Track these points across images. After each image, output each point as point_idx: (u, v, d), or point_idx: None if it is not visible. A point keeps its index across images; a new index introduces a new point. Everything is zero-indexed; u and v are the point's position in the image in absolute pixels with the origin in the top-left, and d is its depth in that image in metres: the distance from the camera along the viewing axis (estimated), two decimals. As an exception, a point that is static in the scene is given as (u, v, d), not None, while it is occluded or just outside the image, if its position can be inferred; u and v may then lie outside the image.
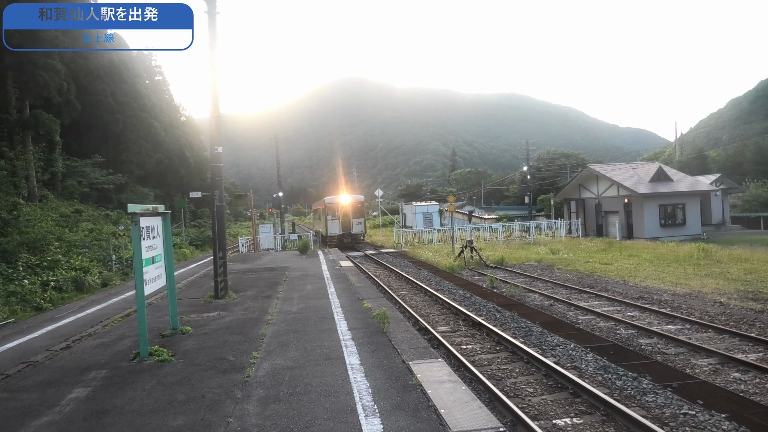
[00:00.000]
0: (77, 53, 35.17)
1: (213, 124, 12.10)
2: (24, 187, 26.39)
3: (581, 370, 8.54)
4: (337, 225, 34.56)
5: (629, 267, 20.24)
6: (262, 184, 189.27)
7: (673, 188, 35.06)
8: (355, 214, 35.20)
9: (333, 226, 34.55)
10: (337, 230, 34.50)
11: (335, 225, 34.58)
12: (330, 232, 34.45)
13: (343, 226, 34.70)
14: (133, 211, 6.87)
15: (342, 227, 34.67)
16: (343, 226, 34.67)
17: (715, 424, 6.34)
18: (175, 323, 8.58)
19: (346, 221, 34.77)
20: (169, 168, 50.50)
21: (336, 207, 35.07)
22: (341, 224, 34.63)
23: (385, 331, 7.70)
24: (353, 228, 35.03)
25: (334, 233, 34.32)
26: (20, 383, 6.31)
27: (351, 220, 34.96)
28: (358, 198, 37.16)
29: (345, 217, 34.77)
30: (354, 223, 35.03)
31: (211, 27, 11.83)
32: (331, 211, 34.86)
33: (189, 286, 14.86)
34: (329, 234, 34.40)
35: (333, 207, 34.99)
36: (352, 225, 35.03)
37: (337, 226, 34.56)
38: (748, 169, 60.14)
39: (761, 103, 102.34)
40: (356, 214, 35.29)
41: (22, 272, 14.73)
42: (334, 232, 34.42)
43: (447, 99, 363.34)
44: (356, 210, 35.54)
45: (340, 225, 34.60)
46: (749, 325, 11.14)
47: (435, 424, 4.41)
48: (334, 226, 34.56)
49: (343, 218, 34.72)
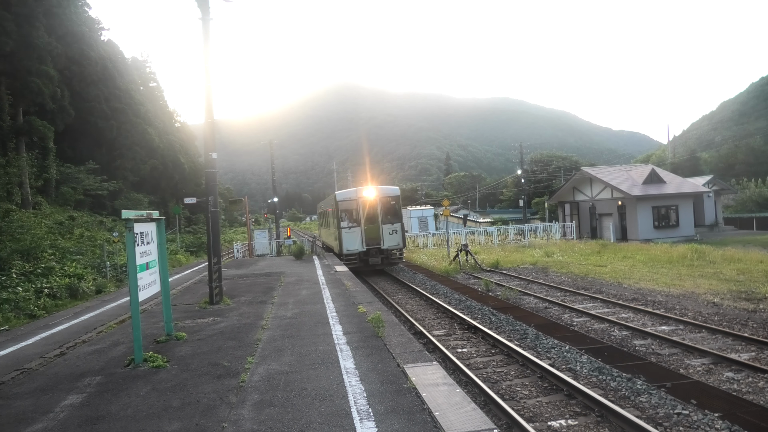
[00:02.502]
0: (71, 59, 35.08)
1: (207, 129, 12.11)
2: (17, 194, 26.30)
3: (576, 371, 8.58)
4: (358, 236, 21.70)
5: (623, 269, 20.34)
6: (257, 189, 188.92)
7: (666, 190, 35.28)
8: (386, 216, 22.12)
9: (351, 238, 21.73)
10: (357, 244, 21.64)
11: (355, 236, 21.74)
12: (347, 248, 21.61)
13: (368, 237, 21.83)
14: (127, 216, 6.87)
15: (366, 239, 21.76)
16: (367, 237, 21.80)
17: (708, 424, 6.39)
18: (169, 329, 8.56)
19: (372, 230, 21.91)
20: (164, 174, 50.39)
21: (355, 206, 22.11)
22: (365, 235, 21.76)
23: (380, 335, 7.71)
24: (384, 239, 21.79)
25: (353, 249, 21.60)
26: (14, 390, 6.29)
27: (380, 228, 21.86)
28: (390, 191, 23.06)
29: (370, 222, 21.98)
30: (386, 232, 21.87)
31: (204, 33, 11.86)
32: (347, 214, 22.11)
33: (184, 291, 14.82)
34: (346, 251, 21.62)
35: (350, 207, 22.16)
36: (382, 235, 21.83)
37: (358, 237, 21.70)
38: (741, 170, 60.59)
39: (752, 105, 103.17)
40: (388, 216, 22.18)
41: (16, 279, 14.64)
42: (352, 247, 21.63)
43: (441, 103, 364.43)
44: (388, 210, 22.32)
45: (363, 236, 21.74)
46: (742, 325, 11.23)
47: (429, 426, 4.43)
48: (353, 238, 21.73)
49: (368, 224, 21.95)
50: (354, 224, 21.81)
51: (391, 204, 22.37)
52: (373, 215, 21.93)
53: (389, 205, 22.33)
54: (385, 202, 22.22)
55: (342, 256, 21.80)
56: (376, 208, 21.94)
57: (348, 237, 21.59)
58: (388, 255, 21.88)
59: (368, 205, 21.90)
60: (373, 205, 21.96)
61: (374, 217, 21.88)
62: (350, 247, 21.55)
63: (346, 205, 22.09)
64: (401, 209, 23.04)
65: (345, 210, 22.04)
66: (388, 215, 22.13)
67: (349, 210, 22.07)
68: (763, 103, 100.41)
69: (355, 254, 21.50)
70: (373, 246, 21.66)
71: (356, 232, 21.68)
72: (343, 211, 22.00)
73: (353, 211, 22.04)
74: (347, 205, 22.10)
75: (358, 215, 21.86)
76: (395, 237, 21.90)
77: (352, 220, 21.97)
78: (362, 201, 21.87)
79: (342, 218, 21.90)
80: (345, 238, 21.56)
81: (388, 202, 22.30)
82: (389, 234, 21.81)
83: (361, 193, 22.16)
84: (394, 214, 22.34)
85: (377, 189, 22.40)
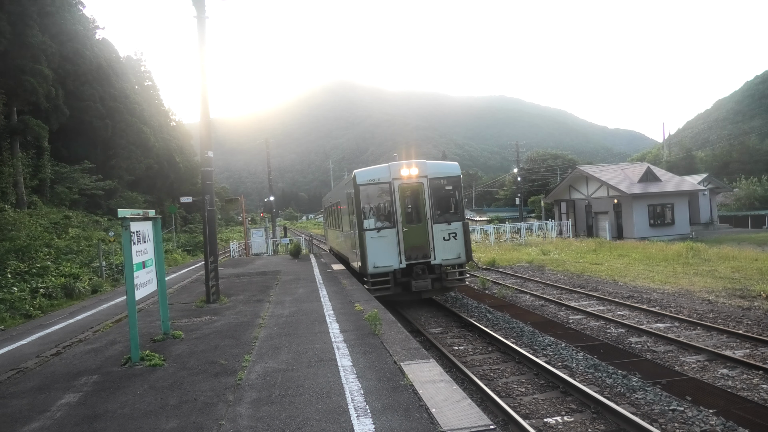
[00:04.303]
0: (65, 58, 34.90)
1: (203, 128, 12.09)
2: (12, 194, 26.16)
3: (572, 369, 8.62)
4: (393, 244, 13.54)
5: (619, 267, 20.43)
6: (253, 188, 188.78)
7: (662, 188, 35.44)
8: (439, 210, 13.92)
9: (381, 248, 13.52)
10: (391, 257, 13.51)
11: (387, 244, 13.53)
12: (374, 263, 13.41)
13: (410, 244, 13.61)
14: (123, 215, 6.85)
15: (406, 248, 13.56)
16: (408, 244, 13.58)
17: (703, 420, 6.43)
18: (166, 328, 8.54)
19: (416, 233, 13.66)
20: (159, 173, 50.22)
21: (387, 194, 13.81)
22: (404, 241, 13.55)
23: (376, 333, 7.72)
24: (436, 249, 13.67)
25: (384, 266, 13.43)
26: (10, 389, 6.27)
27: (429, 230, 13.70)
28: (445, 169, 14.39)
29: (413, 219, 13.83)
30: (438, 237, 13.72)
31: (200, 31, 11.83)
32: (373, 207, 14.01)
33: (180, 290, 14.80)
34: (373, 267, 13.37)
35: (379, 194, 13.97)
36: (432, 242, 13.70)
37: (393, 246, 13.54)
38: (735, 168, 60.93)
39: (748, 104, 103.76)
40: (443, 210, 14.01)
41: (11, 279, 14.59)
42: (383, 261, 13.45)
43: (438, 102, 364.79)
44: (442, 200, 14.13)
45: (401, 243, 13.53)
46: (737, 322, 11.30)
47: (426, 423, 4.44)
48: (384, 248, 13.52)
49: (409, 224, 13.71)
50: (385, 224, 13.41)
51: (446, 191, 13.84)
52: (417, 209, 13.64)
53: (444, 193, 13.82)
54: (437, 188, 13.67)
55: (367, 276, 13.20)
56: (422, 197, 13.53)
57: (376, 245, 13.20)
58: (443, 275, 13.45)
59: (409, 191, 13.62)
60: (418, 191, 13.57)
61: (419, 212, 13.57)
62: (380, 261, 13.12)
63: (372, 191, 13.66)
64: (462, 199, 14.43)
65: (370, 200, 13.70)
66: (441, 209, 13.73)
67: (377, 200, 13.78)
68: (758, 101, 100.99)
69: (389, 274, 13.16)
70: (417, 260, 13.28)
71: (389, 237, 13.27)
72: (366, 202, 13.62)
73: (384, 202, 13.72)
74: (373, 191, 13.67)
75: (393, 209, 13.40)
76: (454, 245, 13.46)
77: (381, 216, 13.62)
78: (399, 185, 13.44)
79: (365, 214, 13.52)
80: (371, 248, 13.16)
81: (441, 186, 13.73)
82: (444, 240, 13.39)
83: (398, 171, 13.51)
84: (451, 207, 13.91)
85: (423, 165, 13.77)
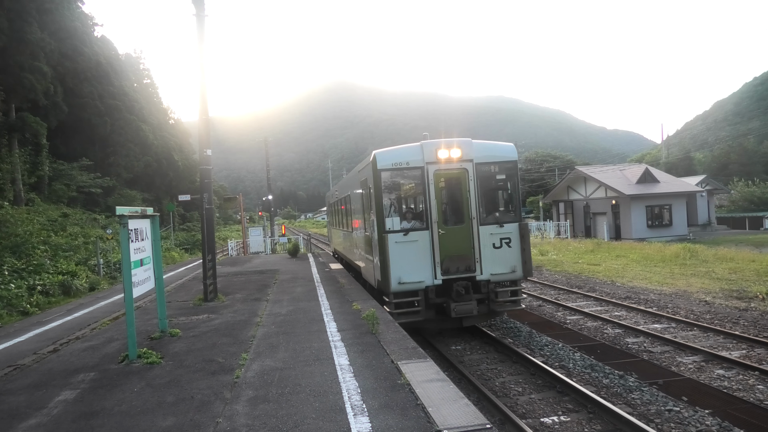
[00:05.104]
0: (64, 55, 34.82)
1: (202, 126, 12.08)
2: (10, 191, 26.09)
3: (569, 369, 8.65)
4: (425, 251, 9.78)
5: (617, 267, 20.47)
6: (252, 187, 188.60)
7: (660, 189, 35.51)
8: (488, 207, 10.41)
9: (408, 256, 9.71)
10: (422, 269, 9.75)
11: (416, 251, 9.76)
12: (399, 277, 9.62)
13: (447, 252, 9.82)
14: (121, 213, 6.86)
15: (443, 258, 9.79)
16: (445, 252, 9.80)
17: (699, 420, 6.46)
18: (164, 326, 8.54)
19: (456, 237, 9.92)
20: (158, 171, 50.13)
21: (418, 184, 10.15)
22: (439, 248, 9.79)
23: (374, 332, 7.73)
24: (483, 258, 9.91)
25: (412, 281, 9.65)
26: (7, 386, 6.27)
27: (474, 233, 9.91)
28: (496, 152, 10.53)
29: (452, 218, 10.15)
30: (486, 243, 9.95)
31: (199, 29, 11.82)
32: (398, 199, 10.41)
33: (178, 289, 14.79)
34: (397, 283, 9.58)
35: (406, 183, 10.46)
36: (477, 249, 9.90)
37: (425, 254, 9.78)
38: (734, 170, 61.03)
39: (746, 105, 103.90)
40: (493, 207, 10.67)
41: (8, 276, 14.57)
42: (412, 276, 9.67)
43: (437, 102, 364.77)
44: (491, 193, 10.71)
45: (436, 250, 9.79)
46: (733, 323, 11.34)
47: (423, 422, 4.45)
48: (413, 256, 9.74)
49: (447, 224, 9.99)
50: (415, 224, 10.01)
51: (498, 180, 10.53)
52: (458, 204, 10.18)
53: (495, 183, 10.56)
54: (486, 176, 10.28)
55: (388, 295, 9.82)
56: (465, 189, 10.05)
57: (401, 253, 9.69)
58: (491, 294, 10.07)
59: (448, 180, 10.22)
60: (460, 180, 10.12)
61: (461, 209, 10.09)
62: (407, 275, 9.66)
63: (398, 179, 10.27)
64: (519, 191, 10.87)
65: (394, 191, 10.27)
66: (491, 205, 10.60)
67: (405, 191, 10.64)
68: (756, 103, 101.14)
69: (418, 293, 9.73)
70: (458, 275, 9.82)
71: (420, 242, 9.81)
72: (389, 193, 10.16)
73: (413, 194, 10.72)
74: (399, 179, 10.29)
75: (426, 204, 9.94)
76: (507, 255, 10.03)
77: (409, 214, 10.30)
78: (435, 171, 9.99)
79: (387, 210, 10.04)
80: (396, 256, 9.66)
81: (491, 175, 10.37)
82: (494, 247, 9.97)
83: (434, 152, 10.05)
84: (505, 202, 10.75)
85: (468, 145, 10.24)
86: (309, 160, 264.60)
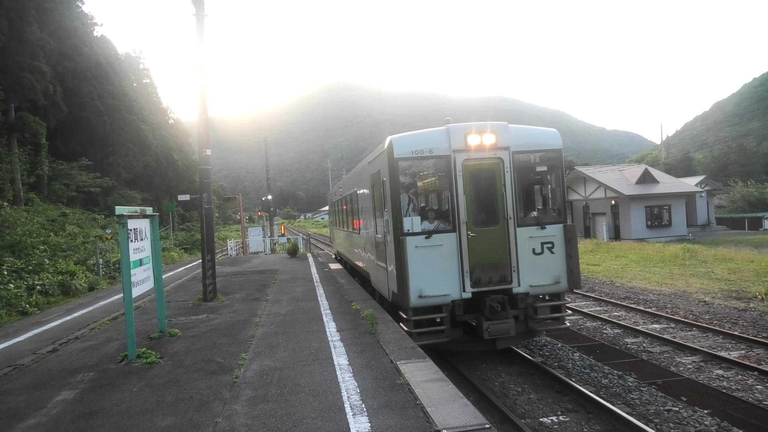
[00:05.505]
0: (63, 55, 34.80)
1: (201, 126, 12.08)
2: (9, 191, 26.08)
3: (568, 369, 8.65)
4: (451, 257, 8.28)
5: (616, 268, 20.48)
6: (252, 187, 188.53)
7: (659, 190, 35.53)
8: (527, 204, 8.96)
9: (430, 264, 8.20)
10: (448, 280, 8.22)
11: (441, 257, 8.26)
12: (420, 289, 8.08)
13: (478, 258, 8.32)
14: (120, 212, 6.86)
15: (473, 265, 8.27)
16: (475, 258, 8.31)
17: (698, 420, 6.46)
18: (163, 326, 8.54)
19: (490, 241, 8.42)
20: (157, 171, 50.10)
21: (443, 176, 8.66)
22: (468, 252, 8.29)
23: (373, 332, 7.73)
24: (520, 266, 8.43)
25: (436, 295, 8.14)
26: (6, 386, 6.26)
27: (511, 236, 8.44)
28: (536, 139, 9.02)
29: (483, 218, 8.59)
30: (525, 248, 8.49)
31: (199, 29, 11.82)
32: (418, 194, 8.92)
33: (177, 289, 14.78)
34: (418, 297, 8.06)
35: (429, 175, 9.05)
36: (514, 255, 8.43)
37: (451, 261, 8.27)
38: (733, 170, 61.08)
39: (745, 106, 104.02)
40: (533, 204, 9.18)
41: (7, 276, 14.55)
42: (435, 289, 8.15)
43: (436, 102, 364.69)
44: (530, 186, 9.11)
45: (466, 257, 8.27)
46: (732, 324, 11.34)
47: (422, 421, 4.46)
48: (437, 264, 8.23)
49: (477, 224, 8.45)
50: (439, 225, 8.59)
51: (538, 173, 9.08)
52: (491, 201, 8.70)
53: (535, 176, 9.11)
54: (526, 167, 8.90)
55: (407, 311, 8.30)
56: (499, 183, 8.65)
57: (422, 260, 8.25)
58: (530, 310, 8.66)
59: (480, 172, 8.69)
60: (494, 172, 8.70)
61: (495, 207, 8.66)
62: (429, 287, 8.21)
63: (418, 170, 8.84)
64: (564, 186, 9.44)
65: (414, 185, 8.83)
66: (531, 203, 9.24)
67: (427, 185, 9.38)
68: (755, 104, 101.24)
69: (443, 308, 8.33)
70: (491, 285, 8.41)
71: (445, 246, 8.39)
72: (408, 187, 8.70)
73: (437, 188, 9.46)
74: (420, 170, 8.88)
75: (452, 200, 8.56)
76: (550, 262, 8.63)
77: (431, 213, 8.89)
78: (464, 162, 8.57)
79: (404, 209, 8.55)
80: (415, 264, 8.17)
81: (531, 166, 8.97)
82: (534, 254, 8.59)
83: (463, 138, 8.58)
84: (547, 200, 9.23)
85: (504, 130, 8.75)
86: (309, 160, 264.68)
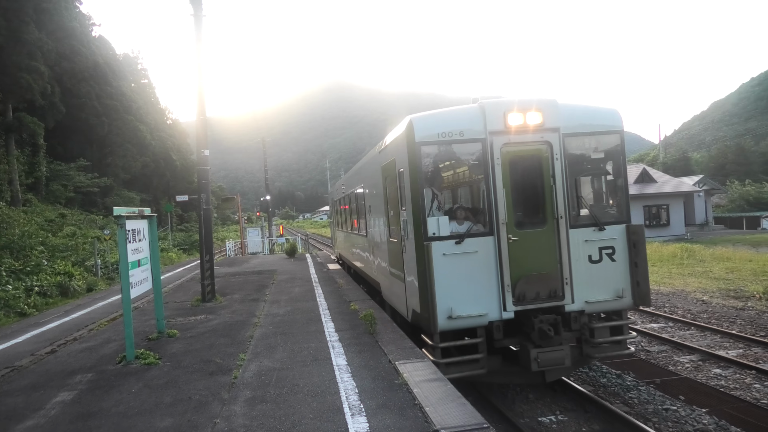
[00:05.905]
0: (61, 55, 34.74)
1: (199, 126, 12.07)
2: (7, 191, 26.05)
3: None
4: (489, 267, 6.57)
5: (614, 267, 20.48)
6: (250, 187, 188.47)
7: (657, 189, 35.59)
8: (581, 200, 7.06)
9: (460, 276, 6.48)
10: (484, 297, 6.50)
11: (475, 268, 6.53)
12: (450, 308, 6.38)
13: (522, 268, 6.60)
14: (119, 213, 6.85)
15: (514, 278, 6.56)
16: (518, 269, 6.59)
17: (696, 419, 6.48)
18: (161, 326, 8.53)
19: (536, 247, 6.70)
20: (155, 171, 50.06)
21: (477, 166, 6.80)
22: (510, 263, 6.57)
23: (372, 332, 7.73)
24: (573, 278, 6.70)
25: (468, 314, 6.45)
26: (4, 388, 6.26)
27: (561, 240, 6.69)
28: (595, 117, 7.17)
29: (525, 218, 6.88)
30: (580, 254, 6.76)
31: (197, 30, 11.81)
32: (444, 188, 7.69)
33: (176, 289, 14.77)
34: (450, 319, 6.38)
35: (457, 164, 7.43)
36: (565, 262, 6.70)
37: (488, 271, 6.56)
38: (731, 170, 61.22)
39: (743, 106, 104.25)
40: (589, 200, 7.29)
41: (5, 277, 14.53)
42: (468, 308, 6.45)
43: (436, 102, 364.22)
44: (582, 175, 7.25)
45: (506, 268, 6.55)
46: (730, 323, 11.37)
47: (420, 421, 4.46)
48: (470, 276, 6.51)
49: (521, 229, 6.71)
50: (471, 227, 6.80)
51: (595, 161, 7.45)
52: (536, 197, 6.95)
53: (592, 165, 7.48)
54: (579, 154, 7.21)
55: (434, 335, 6.50)
56: (546, 173, 6.87)
57: (452, 271, 6.52)
58: (586, 332, 6.89)
59: (522, 160, 6.91)
60: (539, 160, 6.91)
61: (541, 204, 6.91)
62: (461, 305, 6.47)
63: (445, 157, 7.21)
64: (627, 175, 7.40)
65: (439, 177, 7.32)
66: (586, 197, 7.33)
67: (456, 177, 8.13)
68: (753, 104, 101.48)
69: (477, 330, 6.61)
70: (538, 302, 6.68)
71: (480, 254, 6.62)
72: (432, 180, 6.95)
73: (469, 181, 7.91)
74: (448, 157, 7.24)
75: (488, 195, 6.71)
76: (610, 271, 6.93)
77: (462, 212, 7.11)
78: (503, 147, 6.76)
79: (428, 206, 6.76)
80: (443, 276, 6.44)
81: (586, 152, 7.32)
82: (591, 261, 6.86)
83: (502, 117, 6.75)
84: (607, 194, 7.68)
85: (553, 108, 6.91)
86: (307, 161, 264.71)
